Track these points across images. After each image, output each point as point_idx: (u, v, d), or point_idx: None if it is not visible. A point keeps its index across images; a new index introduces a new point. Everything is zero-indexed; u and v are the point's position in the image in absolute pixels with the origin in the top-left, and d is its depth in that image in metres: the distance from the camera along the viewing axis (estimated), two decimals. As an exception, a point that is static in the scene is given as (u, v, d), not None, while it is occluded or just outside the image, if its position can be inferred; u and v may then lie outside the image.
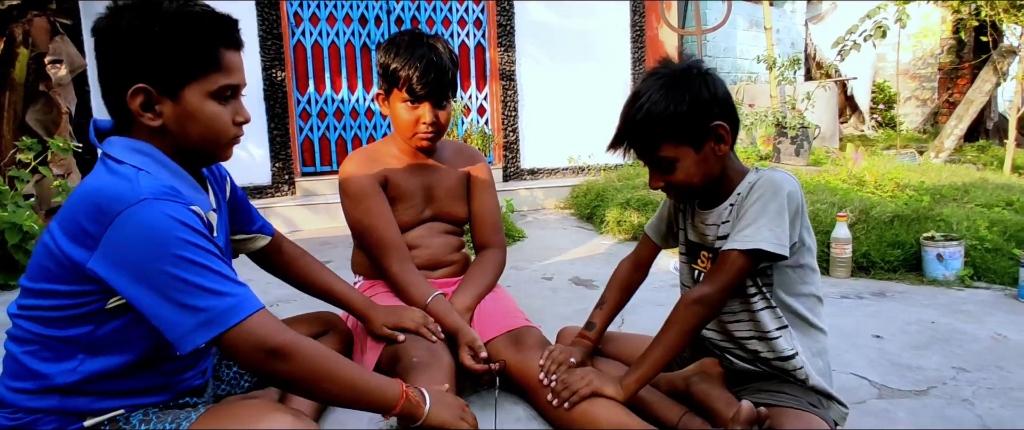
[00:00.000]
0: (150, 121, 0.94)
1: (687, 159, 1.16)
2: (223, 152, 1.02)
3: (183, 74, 0.93)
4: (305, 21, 4.48)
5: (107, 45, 0.93)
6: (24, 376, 0.93)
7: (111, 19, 0.93)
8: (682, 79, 1.15)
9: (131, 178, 0.88)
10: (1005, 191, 3.52)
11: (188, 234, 0.86)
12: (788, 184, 1.14)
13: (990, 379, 1.59)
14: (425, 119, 1.52)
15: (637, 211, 3.52)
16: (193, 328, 0.85)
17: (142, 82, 0.91)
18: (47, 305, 0.91)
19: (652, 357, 1.18)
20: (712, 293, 1.13)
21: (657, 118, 1.13)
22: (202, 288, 0.85)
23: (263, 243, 1.32)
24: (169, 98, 0.93)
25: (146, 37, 0.91)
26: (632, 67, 5.39)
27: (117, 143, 0.94)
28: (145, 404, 0.99)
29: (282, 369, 0.89)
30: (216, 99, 0.96)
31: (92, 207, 0.86)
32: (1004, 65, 5.90)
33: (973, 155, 6.26)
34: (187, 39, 0.92)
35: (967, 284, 2.44)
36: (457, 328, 1.43)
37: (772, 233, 1.10)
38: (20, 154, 2.98)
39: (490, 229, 1.69)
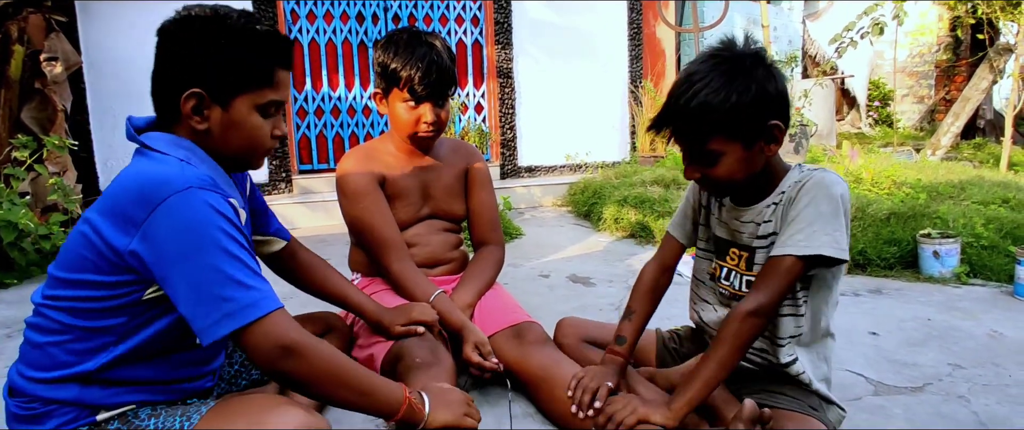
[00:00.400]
0: (197, 124, 0.98)
1: (734, 155, 1.08)
2: (256, 162, 1.07)
3: (238, 86, 0.98)
4: (302, 18, 4.46)
5: (171, 48, 0.98)
6: (46, 366, 0.93)
7: (180, 24, 0.98)
8: (748, 68, 1.05)
9: (177, 166, 0.92)
10: (1001, 188, 3.53)
11: (226, 225, 0.89)
12: (839, 185, 1.08)
13: (986, 376, 1.59)
14: (426, 119, 1.51)
15: (634, 208, 3.52)
16: (217, 320, 0.86)
17: (199, 87, 0.96)
18: (82, 295, 0.92)
19: (705, 376, 1.09)
20: (768, 303, 1.06)
21: (714, 108, 1.03)
22: (233, 279, 0.87)
23: (278, 247, 1.33)
24: (220, 105, 0.98)
25: (211, 47, 0.96)
26: (629, 65, 5.39)
27: (159, 137, 0.97)
28: (156, 401, 0.99)
29: (294, 368, 0.90)
30: (261, 112, 1.01)
31: (137, 193, 0.88)
32: (1000, 63, 5.91)
33: (970, 152, 6.27)
34: (248, 54, 0.98)
35: (963, 281, 2.45)
36: (462, 326, 1.42)
37: (830, 237, 1.05)
38: (15, 152, 2.97)
39: (488, 226, 1.69)
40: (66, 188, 3.06)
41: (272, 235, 1.32)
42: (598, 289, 2.47)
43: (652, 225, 3.33)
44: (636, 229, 3.42)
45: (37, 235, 2.75)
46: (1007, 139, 5.13)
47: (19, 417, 0.94)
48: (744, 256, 1.21)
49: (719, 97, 1.02)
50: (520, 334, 1.44)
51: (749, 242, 1.19)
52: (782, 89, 1.09)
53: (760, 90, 1.04)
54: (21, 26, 3.36)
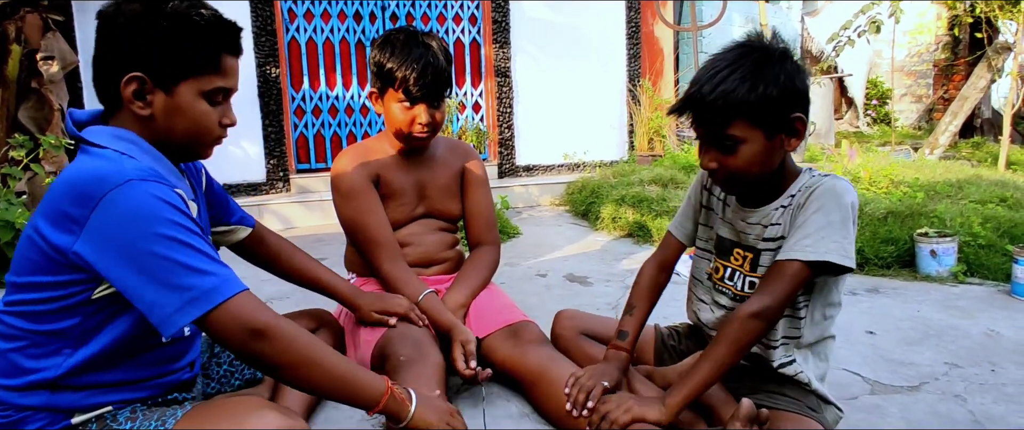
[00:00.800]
0: (139, 110, 0.95)
1: (755, 144, 1.07)
2: (204, 151, 1.03)
3: (181, 70, 0.95)
4: (299, 17, 4.46)
5: (111, 31, 0.94)
6: (12, 373, 0.92)
7: (120, 6, 0.94)
8: (776, 60, 1.06)
9: (115, 160, 0.90)
10: (999, 187, 3.53)
11: (173, 214, 0.87)
12: (850, 194, 1.09)
13: (982, 375, 1.59)
14: (421, 120, 1.51)
15: (632, 208, 3.52)
16: (178, 308, 0.84)
17: (140, 71, 0.93)
18: (33, 298, 0.90)
19: (701, 374, 1.09)
20: (772, 306, 1.06)
21: (742, 93, 1.04)
22: (187, 267, 0.85)
23: (243, 235, 1.31)
24: (163, 91, 0.95)
25: (152, 29, 0.93)
26: (627, 64, 5.39)
27: (99, 131, 0.95)
28: (133, 399, 0.98)
29: (264, 350, 0.89)
30: (207, 99, 0.98)
31: (76, 191, 0.86)
32: (999, 61, 5.91)
33: (968, 151, 6.27)
34: (192, 38, 0.95)
35: (961, 280, 2.45)
36: (450, 326, 1.42)
37: (838, 244, 1.05)
38: (12, 151, 2.96)
39: (484, 226, 1.68)
40: (62, 188, 3.05)
41: (235, 224, 1.29)
42: (595, 288, 2.47)
43: (650, 224, 3.33)
44: (634, 228, 3.42)
45: (33, 235, 2.74)
46: (1005, 138, 5.13)
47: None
48: (749, 257, 1.20)
49: (747, 84, 1.04)
50: (516, 334, 1.43)
51: (755, 244, 1.19)
52: (806, 86, 1.10)
53: (788, 82, 1.06)
54: (18, 25, 3.35)
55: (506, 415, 1.38)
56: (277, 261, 1.36)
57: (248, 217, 1.33)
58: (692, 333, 1.44)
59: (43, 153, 3.11)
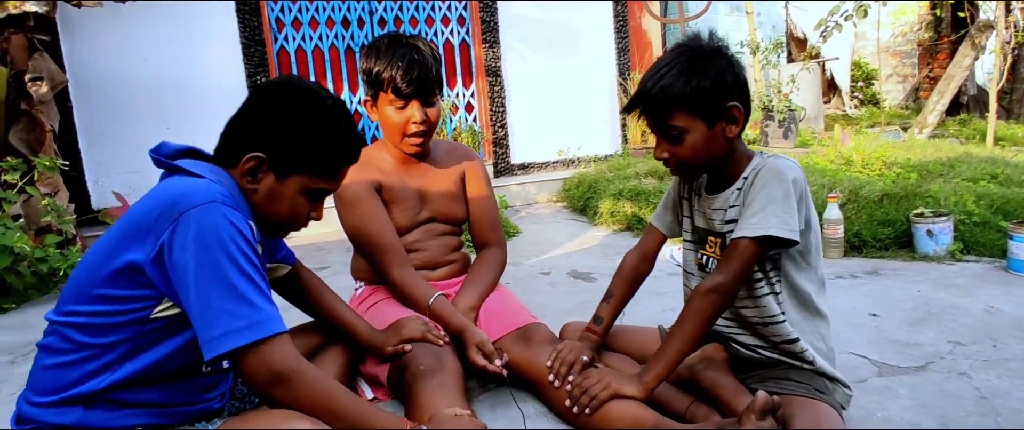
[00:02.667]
0: (248, 184, 1.03)
1: (697, 133, 1.18)
2: (282, 234, 1.12)
3: (300, 167, 1.03)
4: (287, 26, 4.44)
5: (258, 106, 1.03)
6: (51, 389, 0.93)
7: (277, 87, 1.03)
8: (710, 56, 1.17)
9: (204, 183, 0.95)
10: (989, 164, 3.58)
11: (244, 244, 0.92)
12: (792, 170, 1.16)
13: (985, 352, 1.62)
14: (415, 118, 1.51)
15: (630, 201, 3.54)
16: (227, 332, 0.88)
17: (264, 154, 1.00)
18: (93, 310, 0.93)
19: (671, 351, 1.17)
20: (726, 281, 1.14)
21: (675, 88, 1.15)
22: (243, 297, 0.89)
23: (285, 271, 1.34)
24: (275, 176, 1.03)
25: (293, 124, 1.01)
26: (616, 58, 5.41)
27: (198, 164, 1.02)
28: (162, 424, 0.99)
29: (285, 396, 0.92)
30: (308, 196, 1.06)
31: (162, 206, 0.91)
32: (982, 39, 5.97)
33: (955, 129, 6.34)
34: (324, 145, 1.03)
35: (958, 258, 2.49)
36: (462, 328, 1.43)
37: (780, 219, 1.12)
38: (6, 175, 2.94)
39: (488, 227, 1.69)
40: (60, 208, 3.04)
41: (279, 261, 1.33)
42: (600, 284, 2.49)
43: (647, 217, 3.34)
44: (632, 221, 3.44)
45: (33, 258, 2.73)
46: (992, 114, 5.20)
47: None
48: (718, 242, 1.28)
49: (681, 79, 1.15)
50: (527, 336, 1.45)
51: (721, 228, 1.26)
52: (741, 78, 1.19)
53: (718, 75, 1.16)
54: (3, 47, 3.32)
55: (520, 416, 1.40)
56: (309, 298, 1.39)
57: (291, 254, 1.36)
58: None
59: (37, 175, 3.09)
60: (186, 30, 4.09)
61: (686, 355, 1.19)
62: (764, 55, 5.34)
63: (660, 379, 1.18)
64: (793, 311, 1.23)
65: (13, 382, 1.84)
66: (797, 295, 1.23)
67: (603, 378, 1.22)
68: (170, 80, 4.07)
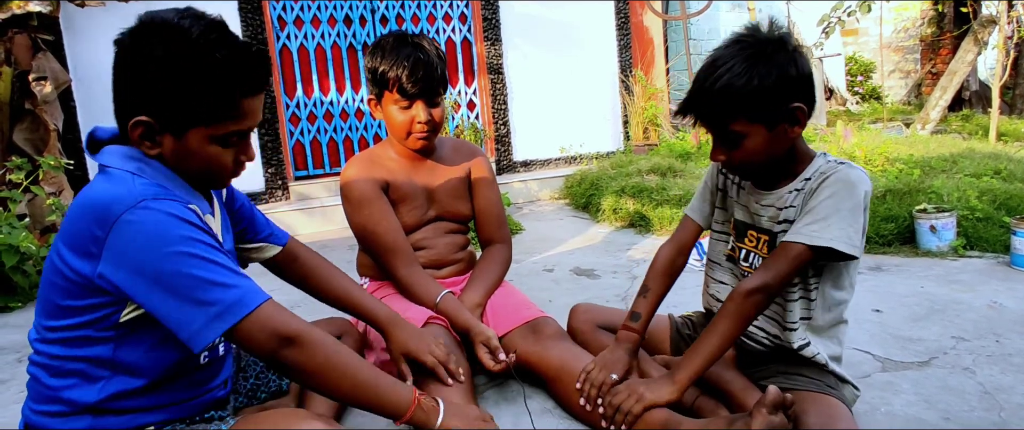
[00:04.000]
0: (148, 149, 0.92)
1: (757, 137, 1.10)
2: (221, 184, 1.01)
3: (192, 119, 0.90)
4: (289, 24, 4.45)
5: (123, 66, 0.90)
6: (53, 400, 0.93)
7: (136, 38, 0.89)
8: (771, 52, 1.07)
9: (127, 182, 0.89)
10: (992, 160, 3.57)
11: (188, 230, 0.86)
12: (864, 183, 1.10)
13: (989, 347, 1.63)
14: (420, 118, 1.52)
15: (632, 199, 3.54)
16: (205, 323, 0.84)
17: (147, 116, 0.89)
18: (64, 325, 0.91)
19: (706, 349, 1.13)
20: (770, 283, 1.09)
21: (736, 91, 1.05)
22: (208, 281, 0.85)
23: (274, 252, 1.26)
24: (172, 134, 0.91)
25: (164, 74, 0.87)
26: (618, 54, 5.41)
27: (113, 152, 0.93)
28: (173, 418, 0.99)
29: (295, 357, 0.89)
30: (220, 142, 0.93)
31: (91, 216, 0.86)
32: (985, 35, 5.96)
33: (958, 124, 6.33)
34: (207, 86, 0.88)
35: (961, 254, 2.49)
36: (469, 326, 1.43)
37: (844, 232, 1.07)
38: (10, 174, 2.95)
39: (494, 225, 1.70)
40: (64, 208, 3.04)
41: (263, 241, 1.24)
42: (603, 280, 2.50)
43: (651, 214, 3.35)
44: (635, 219, 3.45)
45: (38, 257, 2.74)
46: (994, 110, 5.19)
47: None
48: (764, 239, 1.23)
49: (742, 81, 1.05)
50: (536, 330, 1.45)
51: (769, 226, 1.21)
52: (805, 72, 1.09)
53: (781, 73, 1.06)
54: (7, 47, 3.33)
55: (527, 412, 1.40)
56: (311, 280, 1.29)
57: (280, 233, 1.28)
58: (706, 321, 1.46)
59: (42, 174, 3.10)
60: (188, 29, 4.09)
61: (722, 354, 1.14)
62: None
63: (694, 378, 1.14)
64: (821, 317, 1.21)
65: (21, 380, 1.85)
66: (829, 304, 1.20)
67: (634, 391, 1.17)
68: (173, 79, 4.07)
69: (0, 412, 1.65)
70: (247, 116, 0.93)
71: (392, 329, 1.30)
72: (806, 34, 8.60)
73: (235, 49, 0.90)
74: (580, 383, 1.26)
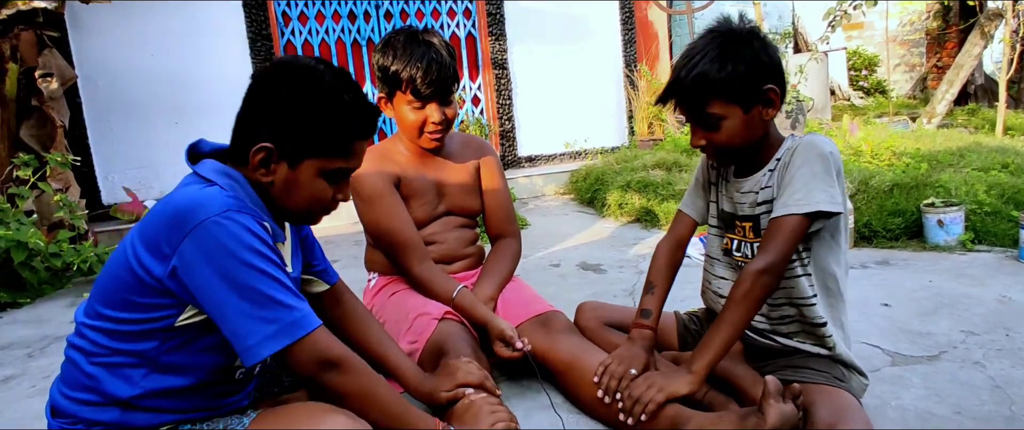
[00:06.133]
0: (262, 177, 0.99)
1: (734, 119, 1.16)
2: (312, 219, 1.07)
3: (310, 151, 0.98)
4: (294, 20, 4.44)
5: (257, 95, 0.99)
6: (87, 388, 0.94)
7: (274, 74, 0.99)
8: (743, 40, 1.15)
9: (213, 194, 0.93)
10: (1000, 154, 3.56)
11: (261, 246, 0.90)
12: (827, 144, 1.16)
13: (999, 341, 1.62)
14: (433, 119, 1.51)
15: (638, 193, 3.54)
16: (263, 339, 0.88)
17: (270, 143, 0.97)
18: (117, 317, 0.93)
19: (720, 336, 1.14)
20: (776, 261, 1.11)
21: (711, 75, 1.13)
22: (272, 299, 0.89)
23: (322, 288, 1.27)
24: (287, 163, 0.99)
25: (293, 107, 0.96)
26: (623, 49, 5.39)
27: (209, 165, 0.99)
28: (195, 418, 1.01)
29: (337, 382, 0.94)
30: (327, 178, 1.01)
31: (171, 219, 0.90)
32: (991, 28, 5.92)
33: (964, 118, 6.30)
34: (330, 122, 0.97)
35: (969, 248, 2.48)
36: (486, 320, 1.44)
37: (826, 194, 1.11)
38: (18, 171, 2.96)
39: (504, 219, 1.70)
40: (72, 204, 3.06)
41: (316, 275, 1.25)
42: (610, 275, 2.50)
43: (656, 209, 3.35)
44: (641, 214, 3.45)
45: (47, 253, 2.75)
46: (1001, 104, 5.16)
47: None
48: (748, 226, 1.26)
49: (715, 66, 1.13)
50: (546, 323, 1.46)
51: (751, 211, 1.25)
52: (775, 59, 1.17)
53: (754, 58, 1.14)
54: (13, 44, 3.34)
55: (540, 406, 1.41)
56: (348, 327, 1.28)
57: (332, 272, 1.29)
58: (710, 317, 1.46)
59: (49, 171, 3.11)
60: (193, 25, 4.10)
61: (736, 340, 1.16)
62: (771, 46, 5.30)
63: (711, 367, 1.15)
64: (819, 294, 1.22)
65: (32, 375, 1.87)
66: (824, 277, 1.22)
67: (653, 383, 1.18)
68: (178, 75, 4.08)
69: (14, 406, 1.66)
70: (355, 157, 1.03)
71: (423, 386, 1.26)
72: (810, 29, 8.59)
73: (359, 96, 1.01)
74: (598, 376, 1.26)
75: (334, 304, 1.30)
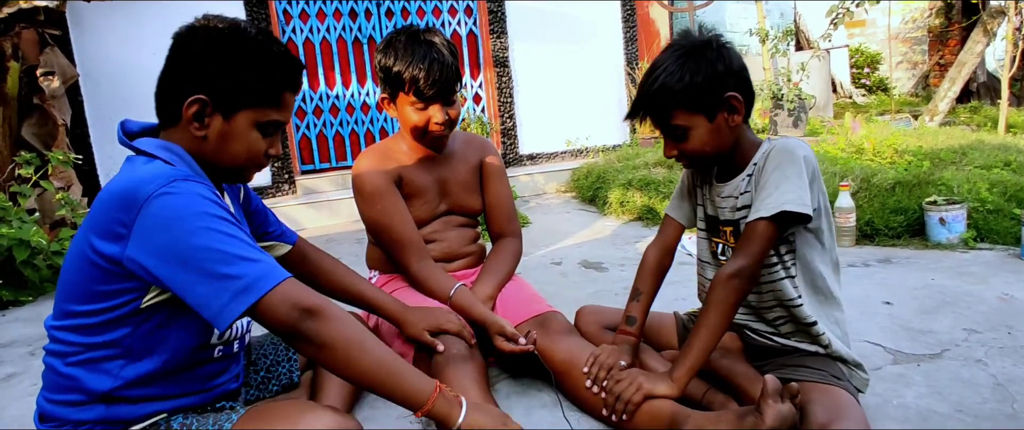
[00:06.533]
0: (196, 131, 0.99)
1: (700, 128, 1.19)
2: (246, 176, 1.08)
3: (243, 100, 1.00)
4: (295, 18, 4.44)
5: (183, 53, 0.99)
6: (68, 389, 0.94)
7: (198, 31, 1.00)
8: (699, 51, 1.17)
9: (156, 168, 0.93)
10: (1002, 152, 3.55)
11: (213, 207, 0.90)
12: (801, 148, 1.17)
13: (1001, 339, 1.62)
14: (437, 119, 1.51)
15: (640, 191, 3.53)
16: (231, 298, 0.85)
17: (204, 95, 0.97)
18: (84, 310, 0.92)
19: (699, 343, 1.16)
20: (747, 264, 1.13)
21: (671, 87, 1.16)
22: (234, 255, 0.87)
23: (283, 251, 1.31)
24: (222, 115, 1.00)
25: (225, 57, 0.98)
26: (624, 47, 5.38)
27: (147, 142, 0.99)
28: (184, 406, 1.01)
29: (317, 329, 0.89)
30: (260, 129, 1.03)
31: (120, 200, 0.89)
32: (994, 25, 5.90)
33: (966, 116, 6.29)
34: (260, 71, 1.00)
35: (971, 246, 2.48)
36: (484, 318, 1.44)
37: (794, 194, 1.12)
38: (20, 169, 2.97)
39: (505, 218, 1.70)
40: (73, 203, 3.06)
41: (275, 239, 1.29)
42: (611, 274, 2.50)
43: (658, 207, 3.35)
44: (643, 212, 3.44)
45: (49, 252, 2.76)
46: (1004, 101, 5.14)
47: None
48: (729, 230, 1.28)
49: (675, 77, 1.16)
50: (544, 324, 1.45)
51: (731, 216, 1.26)
52: (735, 66, 1.19)
53: (709, 68, 1.16)
54: (14, 42, 3.34)
55: (539, 405, 1.41)
56: (319, 277, 1.34)
57: (289, 232, 1.32)
58: None
59: (51, 169, 3.12)
60: (194, 23, 4.10)
61: (714, 345, 1.17)
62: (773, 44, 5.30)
63: (692, 374, 1.17)
64: (807, 295, 1.23)
65: (33, 373, 1.87)
66: (812, 278, 1.23)
67: (635, 380, 1.20)
68: (179, 74, 4.08)
69: (15, 404, 1.67)
70: (285, 108, 1.05)
71: (405, 315, 1.37)
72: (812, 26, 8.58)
73: (284, 48, 1.04)
74: (588, 365, 1.29)
75: (301, 261, 1.32)
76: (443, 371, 1.26)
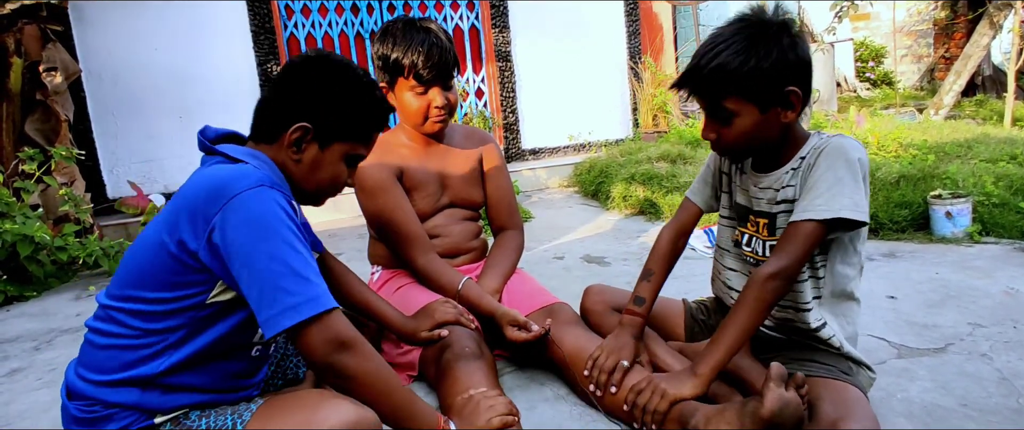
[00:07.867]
0: (292, 155, 1.07)
1: (748, 117, 1.10)
2: (321, 200, 1.15)
3: (342, 134, 1.08)
4: (297, 13, 4.43)
5: (296, 81, 1.07)
6: (108, 368, 0.95)
7: (312, 63, 1.08)
8: (773, 34, 1.07)
9: (246, 169, 0.97)
10: (1008, 145, 3.53)
11: (288, 220, 0.94)
12: (857, 149, 1.10)
13: (1006, 333, 1.61)
14: (436, 103, 1.51)
15: (642, 186, 3.52)
16: (285, 309, 0.89)
17: (309, 123, 1.05)
18: (154, 297, 0.94)
19: (727, 340, 1.11)
20: (788, 265, 1.08)
21: (732, 68, 1.06)
22: (297, 273, 0.91)
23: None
24: (318, 144, 1.07)
25: (333, 94, 1.06)
26: (627, 41, 5.36)
27: (236, 149, 1.05)
28: (208, 402, 1.02)
29: (349, 363, 0.93)
30: (346, 161, 1.11)
31: (210, 192, 0.92)
32: (1000, 18, 5.86)
33: (972, 110, 6.25)
34: (362, 112, 1.09)
35: (976, 240, 2.46)
36: (492, 310, 1.44)
37: (851, 200, 1.06)
38: (23, 165, 2.97)
39: (506, 211, 1.70)
40: (77, 198, 3.07)
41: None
42: (614, 268, 2.49)
43: (660, 201, 3.34)
44: (645, 206, 3.43)
45: (53, 247, 2.76)
46: (1010, 95, 5.11)
47: (79, 420, 0.96)
48: (763, 222, 1.22)
49: (739, 59, 1.06)
50: (552, 314, 1.45)
51: (768, 208, 1.21)
52: (805, 58, 1.10)
53: (780, 56, 1.06)
54: (17, 38, 3.34)
55: (542, 398, 1.41)
56: (336, 285, 1.39)
57: (318, 241, 1.36)
58: (720, 307, 1.45)
59: (54, 165, 3.12)
60: (196, 19, 4.09)
61: (742, 346, 1.12)
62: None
63: (717, 371, 1.12)
64: (830, 295, 1.20)
65: (38, 368, 1.88)
66: (837, 280, 1.19)
67: (656, 387, 1.14)
68: (182, 69, 4.09)
69: (21, 398, 1.67)
70: (372, 146, 1.15)
71: (405, 326, 1.42)
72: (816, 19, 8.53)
73: (382, 93, 1.14)
74: (588, 370, 1.27)
75: (322, 267, 1.36)
76: (453, 368, 1.26)
